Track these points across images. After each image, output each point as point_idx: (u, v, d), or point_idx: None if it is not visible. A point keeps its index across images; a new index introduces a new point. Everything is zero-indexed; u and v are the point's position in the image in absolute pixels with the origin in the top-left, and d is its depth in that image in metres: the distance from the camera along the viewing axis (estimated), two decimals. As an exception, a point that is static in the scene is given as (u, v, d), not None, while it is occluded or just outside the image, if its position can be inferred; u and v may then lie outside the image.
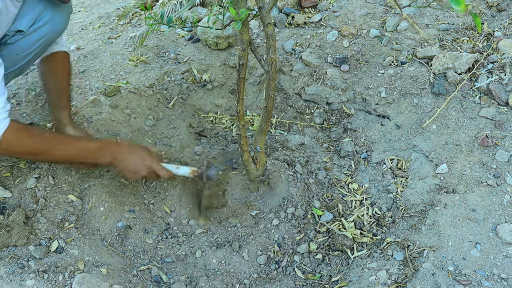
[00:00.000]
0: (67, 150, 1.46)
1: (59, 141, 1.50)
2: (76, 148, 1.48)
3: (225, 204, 1.87)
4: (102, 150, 1.51)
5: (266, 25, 1.34)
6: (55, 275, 1.37)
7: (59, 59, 1.77)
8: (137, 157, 1.53)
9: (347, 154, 2.02)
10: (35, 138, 1.40)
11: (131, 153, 1.52)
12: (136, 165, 1.52)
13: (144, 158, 1.53)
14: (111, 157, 1.50)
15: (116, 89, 2.12)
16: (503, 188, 1.56)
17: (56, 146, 1.44)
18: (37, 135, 1.44)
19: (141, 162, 1.52)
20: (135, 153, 1.54)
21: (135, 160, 1.52)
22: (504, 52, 2.01)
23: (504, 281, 1.29)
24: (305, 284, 1.50)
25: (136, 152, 1.54)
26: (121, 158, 1.51)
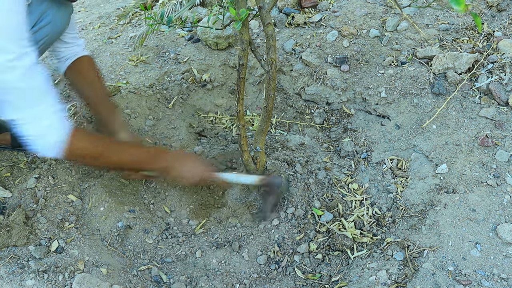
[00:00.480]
0: (126, 155, 1.45)
1: (119, 146, 1.50)
2: (135, 153, 1.48)
3: (225, 204, 1.88)
4: (158, 155, 1.51)
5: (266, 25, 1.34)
6: (55, 275, 1.37)
7: (87, 64, 1.71)
8: (191, 164, 1.54)
9: (347, 154, 2.02)
10: (97, 142, 1.38)
11: (185, 160, 1.54)
12: (189, 172, 1.53)
13: (197, 166, 1.55)
14: (166, 163, 1.50)
15: (116, 89, 2.12)
16: (503, 188, 1.56)
17: (117, 150, 1.43)
18: (98, 139, 1.42)
19: (195, 170, 1.54)
20: (189, 161, 1.55)
21: (188, 168, 1.53)
22: (504, 52, 2.01)
23: (504, 281, 1.29)
24: (305, 284, 1.50)
25: (189, 160, 1.56)
26: (176, 165, 1.51)
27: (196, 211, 1.82)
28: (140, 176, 1.58)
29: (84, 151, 1.32)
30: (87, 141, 1.33)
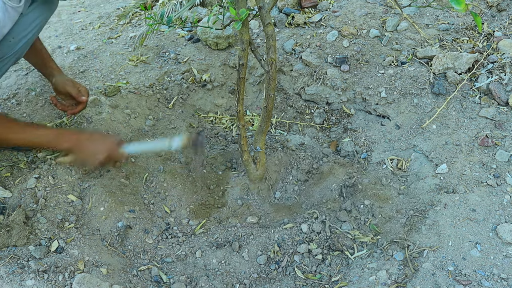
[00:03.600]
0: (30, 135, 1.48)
1: (20, 127, 1.52)
2: (35, 135, 1.50)
3: (224, 204, 1.88)
4: (60, 136, 1.52)
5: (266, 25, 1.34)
6: (55, 275, 1.37)
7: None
8: (95, 142, 1.54)
9: (347, 154, 2.02)
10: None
11: (89, 139, 1.54)
12: (94, 150, 1.52)
13: (103, 143, 1.55)
14: (69, 143, 1.51)
15: (116, 89, 2.12)
16: (503, 188, 1.56)
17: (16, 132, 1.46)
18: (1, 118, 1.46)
19: (101, 147, 1.53)
20: (94, 139, 1.55)
21: (93, 146, 1.53)
22: (504, 52, 2.01)
23: (504, 281, 1.29)
24: (305, 284, 1.50)
25: (95, 138, 1.56)
26: (79, 144, 1.52)
27: (196, 211, 1.82)
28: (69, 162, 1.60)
29: None
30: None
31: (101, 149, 1.52)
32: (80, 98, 1.78)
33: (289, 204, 1.85)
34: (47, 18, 1.68)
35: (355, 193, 1.74)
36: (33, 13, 1.57)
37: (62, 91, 1.81)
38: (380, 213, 1.65)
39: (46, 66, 1.85)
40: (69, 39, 2.66)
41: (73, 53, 2.45)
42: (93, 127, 1.91)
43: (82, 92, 1.79)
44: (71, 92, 1.78)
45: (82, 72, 2.28)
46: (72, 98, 1.80)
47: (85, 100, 1.78)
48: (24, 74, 2.25)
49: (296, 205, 1.83)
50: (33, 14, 1.57)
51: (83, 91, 1.79)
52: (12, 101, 2.08)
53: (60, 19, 3.00)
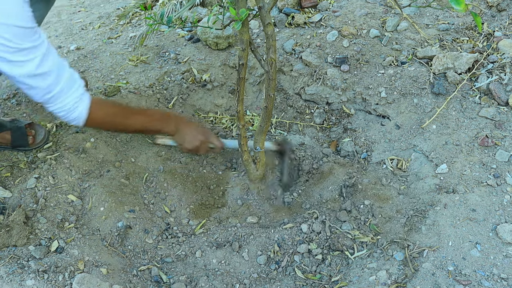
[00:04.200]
0: (140, 119, 1.64)
1: (132, 110, 1.73)
2: (148, 115, 1.69)
3: (224, 204, 1.88)
4: (168, 118, 1.73)
5: (266, 25, 1.34)
6: (55, 275, 1.37)
7: None
8: (195, 128, 1.75)
9: (347, 154, 2.02)
10: (115, 109, 1.59)
11: (191, 125, 1.75)
12: (194, 134, 1.72)
13: (201, 130, 1.76)
14: (174, 126, 1.72)
15: (116, 89, 2.12)
16: (503, 188, 1.56)
17: (132, 115, 1.62)
18: (116, 105, 1.65)
19: (199, 134, 1.73)
20: (194, 125, 1.77)
21: (193, 130, 1.73)
22: (504, 52, 2.01)
23: (504, 281, 1.30)
24: (305, 284, 1.50)
25: (195, 124, 1.78)
26: (182, 127, 1.73)
27: (196, 211, 1.82)
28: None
29: (103, 119, 1.51)
30: (104, 110, 1.52)
31: (200, 134, 1.73)
32: None
33: (289, 204, 1.85)
34: (45, 12, 1.71)
35: (355, 193, 1.74)
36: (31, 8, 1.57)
37: None
38: (380, 213, 1.65)
39: None
40: (69, 39, 2.66)
41: (73, 53, 2.45)
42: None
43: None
44: None
45: (82, 72, 2.28)
46: None
47: None
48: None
49: (296, 205, 1.83)
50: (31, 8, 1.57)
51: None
52: (12, 101, 2.08)
53: (60, 19, 3.00)
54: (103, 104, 1.55)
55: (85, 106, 1.43)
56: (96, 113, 1.46)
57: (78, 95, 1.40)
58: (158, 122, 1.69)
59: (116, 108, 1.62)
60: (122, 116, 1.59)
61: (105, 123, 1.57)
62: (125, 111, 1.64)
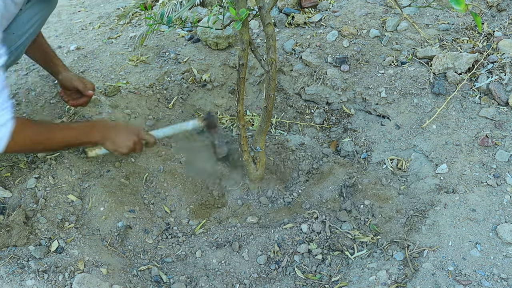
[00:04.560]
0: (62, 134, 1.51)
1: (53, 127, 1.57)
2: (69, 130, 1.54)
3: (224, 204, 1.88)
4: (91, 128, 1.57)
5: (266, 25, 1.34)
6: (55, 275, 1.37)
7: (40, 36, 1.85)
8: (124, 129, 1.62)
9: (347, 154, 2.02)
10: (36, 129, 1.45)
11: (118, 128, 1.61)
12: (123, 137, 1.59)
13: (130, 130, 1.63)
14: (99, 134, 1.56)
15: (116, 89, 2.12)
16: (503, 188, 1.56)
17: (53, 134, 1.49)
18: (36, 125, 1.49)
19: (128, 134, 1.60)
20: (122, 127, 1.63)
21: (122, 133, 1.60)
22: (504, 52, 2.01)
23: (504, 281, 1.29)
24: (305, 284, 1.50)
25: (122, 126, 1.65)
26: (109, 133, 1.58)
27: (196, 211, 1.82)
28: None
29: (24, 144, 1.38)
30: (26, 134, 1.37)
31: (130, 135, 1.60)
32: (87, 92, 1.83)
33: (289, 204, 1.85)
34: (47, 14, 1.71)
35: (355, 193, 1.74)
36: (32, 9, 1.58)
37: (68, 86, 1.85)
38: (380, 213, 1.65)
39: (52, 64, 1.88)
40: (69, 39, 2.66)
41: (73, 53, 2.45)
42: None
43: (88, 87, 1.84)
44: (78, 86, 1.82)
45: (82, 72, 2.28)
46: (78, 92, 1.85)
47: (91, 94, 1.84)
48: (24, 74, 2.25)
49: (296, 205, 1.83)
50: (32, 10, 1.59)
51: (89, 86, 1.84)
52: (12, 101, 2.08)
53: (60, 19, 3.00)
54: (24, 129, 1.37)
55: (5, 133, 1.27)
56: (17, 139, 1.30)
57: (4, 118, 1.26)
58: (81, 133, 1.54)
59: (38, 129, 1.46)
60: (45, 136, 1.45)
61: (27, 148, 1.47)
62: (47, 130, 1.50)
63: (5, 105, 1.28)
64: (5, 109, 1.27)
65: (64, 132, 1.52)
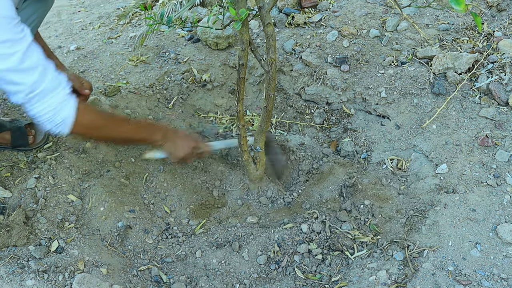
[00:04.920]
0: (128, 127, 1.54)
1: (120, 118, 1.67)
2: (134, 124, 1.61)
3: (224, 204, 1.88)
4: (155, 128, 1.64)
5: (266, 25, 1.34)
6: (55, 275, 1.37)
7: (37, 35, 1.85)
8: (184, 135, 1.67)
9: (347, 154, 2.02)
10: (103, 115, 1.50)
11: (178, 133, 1.67)
12: (183, 142, 1.64)
13: (190, 136, 1.70)
14: (162, 134, 1.61)
15: (116, 89, 2.12)
16: (503, 188, 1.56)
17: (119, 123, 1.54)
18: (101, 113, 1.56)
19: (188, 140, 1.66)
20: (181, 134, 1.69)
21: (182, 138, 1.65)
22: (504, 52, 2.01)
23: (504, 281, 1.29)
24: (305, 284, 1.50)
25: (182, 133, 1.70)
26: (171, 135, 1.63)
27: (196, 211, 1.82)
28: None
29: (90, 124, 1.38)
30: (92, 115, 1.40)
31: (189, 141, 1.66)
32: (83, 91, 1.81)
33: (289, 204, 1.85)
34: (44, 14, 1.70)
35: (355, 193, 1.74)
36: (28, 9, 1.58)
37: None
38: (380, 213, 1.65)
39: None
40: (69, 39, 2.66)
41: (73, 53, 2.45)
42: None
43: (85, 86, 1.82)
44: (74, 86, 1.81)
45: (82, 72, 2.28)
46: (75, 92, 1.83)
47: (87, 93, 1.83)
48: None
49: (296, 205, 1.83)
50: (28, 10, 1.58)
51: (86, 85, 1.83)
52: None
53: (60, 19, 3.00)
54: (90, 109, 1.44)
55: (72, 108, 1.29)
56: (84, 117, 1.33)
57: (64, 96, 1.27)
58: (145, 130, 1.59)
59: (103, 114, 1.52)
60: (110, 123, 1.48)
61: (92, 129, 1.42)
62: (112, 118, 1.56)
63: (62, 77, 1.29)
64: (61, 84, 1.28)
65: (129, 124, 1.57)
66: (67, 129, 1.30)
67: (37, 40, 1.81)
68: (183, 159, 1.65)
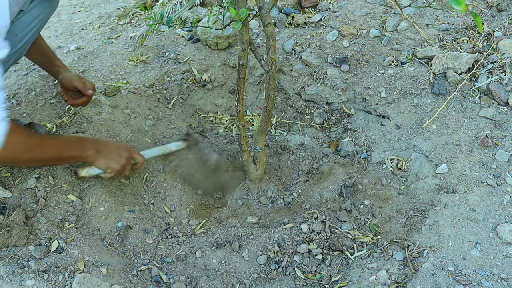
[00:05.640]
0: (57, 145, 1.46)
1: (48, 137, 1.55)
2: (64, 142, 1.51)
3: (224, 204, 1.88)
4: (86, 143, 1.55)
5: (266, 25, 1.34)
6: (55, 275, 1.37)
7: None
8: (116, 145, 1.61)
9: (347, 154, 2.02)
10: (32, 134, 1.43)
11: (109, 146, 1.59)
12: (116, 153, 1.57)
13: (122, 147, 1.62)
14: (94, 149, 1.53)
15: (116, 89, 2.12)
16: (503, 188, 1.56)
17: (49, 142, 1.45)
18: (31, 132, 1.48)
19: (121, 151, 1.59)
20: (114, 144, 1.63)
21: (115, 149, 1.58)
22: (504, 52, 2.01)
23: (504, 281, 1.30)
24: (305, 284, 1.50)
25: (114, 143, 1.65)
26: (102, 148, 1.55)
27: (196, 211, 1.82)
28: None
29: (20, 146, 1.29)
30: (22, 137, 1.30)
31: (122, 151, 1.58)
32: (86, 91, 1.82)
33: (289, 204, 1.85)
34: (49, 15, 1.70)
35: (355, 193, 1.74)
36: (35, 10, 1.58)
37: (68, 87, 1.84)
38: (380, 213, 1.65)
39: (52, 65, 1.88)
40: (69, 39, 2.66)
41: (73, 53, 2.45)
42: (93, 127, 1.91)
43: (88, 86, 1.83)
44: (78, 86, 1.82)
45: (82, 72, 2.28)
46: (79, 92, 1.85)
47: (91, 94, 1.83)
48: (24, 74, 2.26)
49: (296, 205, 1.83)
50: (35, 11, 1.58)
51: (89, 85, 1.84)
52: (12, 101, 2.08)
53: (60, 19, 3.00)
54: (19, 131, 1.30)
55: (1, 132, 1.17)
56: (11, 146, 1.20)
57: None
58: (76, 147, 1.50)
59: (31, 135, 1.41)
60: (39, 143, 1.38)
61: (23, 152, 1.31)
62: (41, 138, 1.46)
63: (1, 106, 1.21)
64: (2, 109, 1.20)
65: (57, 142, 1.48)
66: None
67: (39, 42, 1.82)
68: (119, 171, 1.58)
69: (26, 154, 1.34)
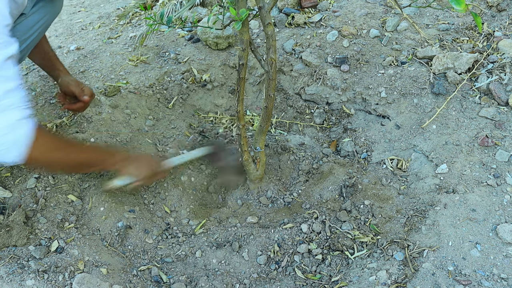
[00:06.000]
0: (87, 149, 1.51)
1: (76, 142, 1.59)
2: (90, 148, 1.55)
3: (224, 204, 1.88)
4: (114, 152, 1.60)
5: (266, 25, 1.34)
6: (55, 275, 1.37)
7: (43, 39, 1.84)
8: (139, 160, 1.59)
9: (347, 154, 2.02)
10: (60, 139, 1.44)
11: (132, 158, 1.58)
12: (147, 162, 1.59)
13: (148, 156, 1.64)
14: (122, 158, 1.53)
15: (116, 89, 2.12)
16: (503, 188, 1.56)
17: (78, 145, 1.50)
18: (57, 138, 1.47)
19: (149, 160, 1.61)
20: (136, 158, 1.61)
21: (138, 163, 1.57)
22: (504, 52, 2.01)
23: (504, 281, 1.30)
24: (305, 284, 1.50)
25: (137, 157, 1.63)
26: (128, 157, 1.57)
27: (196, 211, 1.82)
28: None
29: (44, 157, 1.24)
30: (49, 146, 1.26)
31: (146, 165, 1.57)
32: (82, 97, 1.81)
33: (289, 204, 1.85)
34: (51, 19, 1.70)
35: (355, 193, 1.74)
36: (36, 14, 1.58)
37: (66, 91, 1.84)
38: (380, 213, 1.65)
39: (53, 68, 1.87)
40: (69, 39, 2.66)
41: (73, 53, 2.45)
42: (93, 127, 1.91)
43: (85, 92, 1.81)
44: (74, 92, 1.81)
45: (82, 72, 2.28)
46: (76, 97, 1.84)
47: (86, 100, 1.81)
48: (24, 74, 2.25)
49: (296, 205, 1.83)
50: (37, 16, 1.58)
51: (86, 91, 1.82)
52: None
53: (60, 19, 3.00)
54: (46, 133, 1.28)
55: (27, 130, 1.13)
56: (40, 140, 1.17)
57: (20, 116, 1.13)
58: (104, 155, 1.50)
59: (60, 138, 1.40)
60: (69, 145, 1.38)
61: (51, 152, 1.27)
62: (69, 141, 1.45)
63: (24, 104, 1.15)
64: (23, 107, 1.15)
65: (87, 149, 1.50)
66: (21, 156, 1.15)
67: (42, 44, 1.81)
68: (149, 179, 1.58)
69: (54, 156, 1.29)
